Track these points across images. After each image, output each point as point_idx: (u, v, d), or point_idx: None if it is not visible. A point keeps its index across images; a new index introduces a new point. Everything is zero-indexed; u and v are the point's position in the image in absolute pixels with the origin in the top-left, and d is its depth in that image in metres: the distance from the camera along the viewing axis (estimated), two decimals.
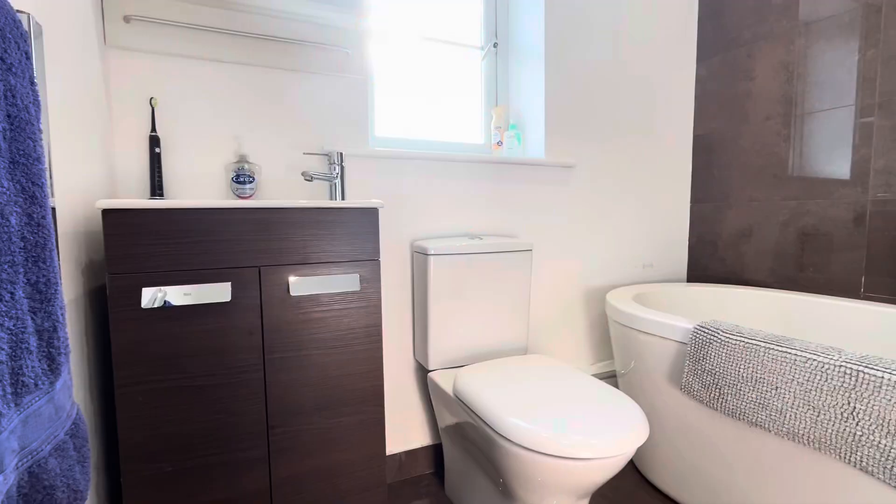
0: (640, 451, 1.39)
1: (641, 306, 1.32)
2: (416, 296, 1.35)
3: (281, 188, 1.23)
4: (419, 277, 1.32)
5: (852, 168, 1.42)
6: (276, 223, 0.89)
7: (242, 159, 1.15)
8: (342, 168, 1.19)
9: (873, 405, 0.78)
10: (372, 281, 0.97)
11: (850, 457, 0.82)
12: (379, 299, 0.98)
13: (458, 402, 1.11)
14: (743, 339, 0.99)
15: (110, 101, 1.05)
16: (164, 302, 0.80)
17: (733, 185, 1.77)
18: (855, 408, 0.81)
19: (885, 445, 0.77)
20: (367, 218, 0.96)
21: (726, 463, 1.09)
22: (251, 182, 1.15)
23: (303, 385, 0.93)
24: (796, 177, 1.57)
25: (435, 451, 1.48)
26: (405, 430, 1.44)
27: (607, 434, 0.87)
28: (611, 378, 1.72)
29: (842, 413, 0.82)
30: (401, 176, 1.38)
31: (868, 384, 0.79)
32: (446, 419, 1.26)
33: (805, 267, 1.56)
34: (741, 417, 0.99)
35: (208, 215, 0.83)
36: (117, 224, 0.77)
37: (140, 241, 0.79)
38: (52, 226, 0.47)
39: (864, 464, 0.80)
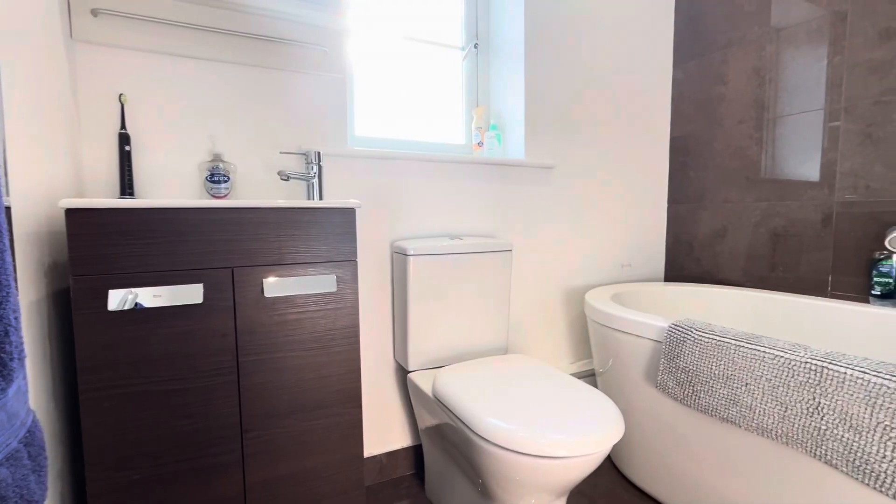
0: (617, 448, 1.41)
1: (619, 305, 1.34)
2: (396, 296, 1.35)
3: (257, 188, 1.21)
4: (399, 278, 1.32)
5: (821, 171, 1.47)
6: (251, 223, 0.87)
7: (217, 158, 1.13)
8: (320, 168, 1.17)
9: (837, 400, 0.81)
10: (349, 282, 0.96)
11: (816, 451, 0.84)
12: (356, 300, 0.97)
13: (437, 402, 1.11)
14: (715, 337, 1.01)
15: (77, 97, 1.02)
16: (136, 304, 0.78)
17: (708, 186, 1.81)
18: (820, 403, 0.83)
19: (848, 439, 0.80)
20: (344, 218, 0.95)
21: (699, 459, 1.11)
22: (226, 181, 1.12)
23: (278, 388, 0.91)
24: (768, 179, 1.61)
25: (415, 453, 1.47)
26: (385, 432, 1.43)
27: (583, 432, 0.88)
28: (590, 377, 1.74)
29: (807, 408, 0.85)
30: (381, 176, 1.37)
31: (832, 380, 0.82)
32: (426, 420, 1.25)
33: (776, 266, 1.60)
34: (713, 414, 1.01)
35: (179, 215, 0.81)
36: (82, 224, 0.75)
37: (107, 241, 0.76)
38: (6, 226, 0.45)
39: (828, 457, 0.83)
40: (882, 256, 1.31)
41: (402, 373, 1.43)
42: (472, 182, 1.52)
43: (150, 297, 0.79)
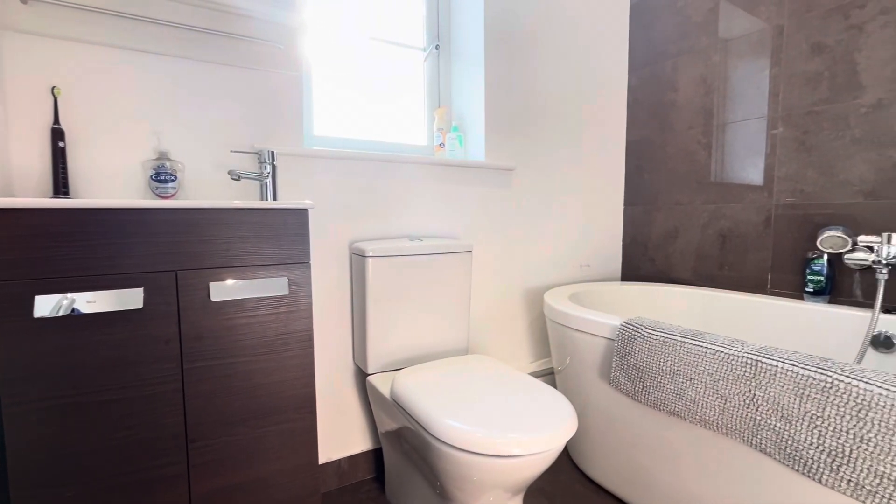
0: (575, 444, 1.44)
1: (575, 305, 1.37)
2: (355, 299, 1.33)
3: (207, 188, 1.17)
4: (357, 280, 1.30)
5: (764, 175, 1.56)
6: (198, 225, 0.84)
7: (163, 156, 1.08)
8: (274, 167, 1.14)
9: (770, 392, 0.86)
10: (302, 285, 0.94)
11: (752, 440, 0.89)
12: (310, 303, 0.95)
13: (395, 405, 1.10)
14: (663, 334, 1.05)
15: (4, 89, 0.95)
16: (73, 310, 0.73)
17: (661, 189, 1.88)
18: (755, 395, 0.88)
19: (780, 428, 0.85)
20: (297, 219, 0.93)
21: (650, 452, 1.15)
22: (173, 181, 1.08)
23: (227, 395, 0.88)
24: (716, 182, 1.69)
25: (376, 456, 1.46)
26: (345, 436, 1.41)
27: (538, 430, 0.90)
28: (549, 375, 1.77)
29: (744, 400, 0.90)
30: (340, 176, 1.35)
31: (765, 373, 0.87)
32: (385, 423, 1.24)
33: (723, 265, 1.69)
34: (661, 408, 1.05)
35: (119, 216, 0.77)
36: (6, 226, 0.69)
37: (36, 244, 0.72)
38: None
39: (762, 446, 0.88)
40: (814, 256, 1.40)
41: (362, 376, 1.42)
42: (433, 183, 1.52)
43: (83, 303, 0.74)
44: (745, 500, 0.96)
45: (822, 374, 0.80)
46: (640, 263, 1.98)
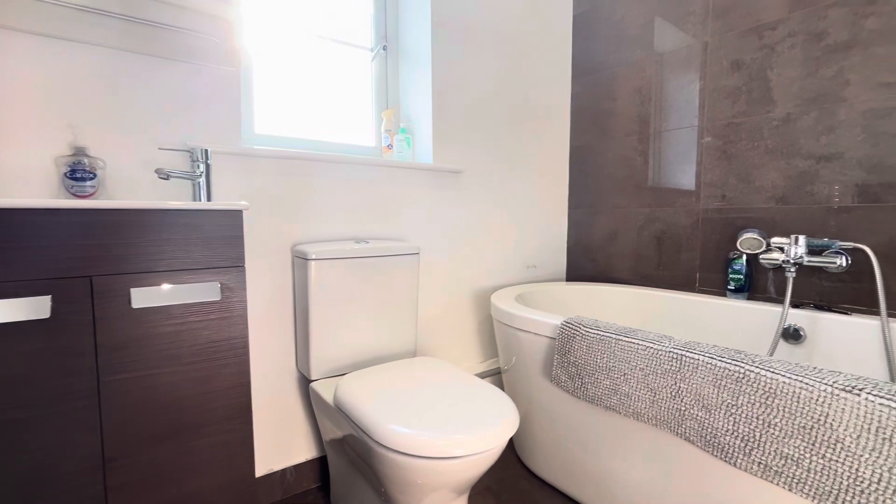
0: (520, 441, 1.48)
1: (520, 305, 1.40)
2: (298, 303, 1.29)
3: (133, 187, 1.09)
4: (300, 284, 1.26)
5: (695, 181, 1.67)
6: (118, 226, 0.78)
7: (80, 152, 1.00)
8: (208, 166, 1.08)
9: (693, 384, 0.92)
10: (236, 289, 0.90)
11: (678, 429, 0.95)
12: (244, 309, 0.91)
13: (338, 411, 1.07)
14: (599, 332, 1.10)
15: None
16: None
17: (602, 193, 1.97)
18: (680, 387, 0.94)
19: (701, 418, 0.91)
20: (230, 221, 0.89)
21: (589, 446, 1.20)
22: (91, 178, 1.00)
23: (152, 409, 0.82)
24: (652, 187, 1.80)
25: (321, 465, 1.42)
26: (289, 445, 1.36)
27: (480, 430, 0.91)
28: (497, 375, 1.81)
29: (671, 392, 0.95)
30: (283, 177, 1.30)
31: (688, 366, 0.93)
32: (329, 431, 1.21)
33: (658, 266, 1.79)
34: (598, 403, 1.10)
35: (23, 217, 0.70)
36: None
37: None
38: None
39: (687, 435, 0.94)
40: (735, 256, 1.52)
41: (306, 383, 1.37)
42: (380, 185, 1.50)
43: None
44: (677, 489, 1.02)
45: (736, 365, 0.86)
46: (583, 264, 2.06)
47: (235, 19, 1.19)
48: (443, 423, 0.92)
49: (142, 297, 0.80)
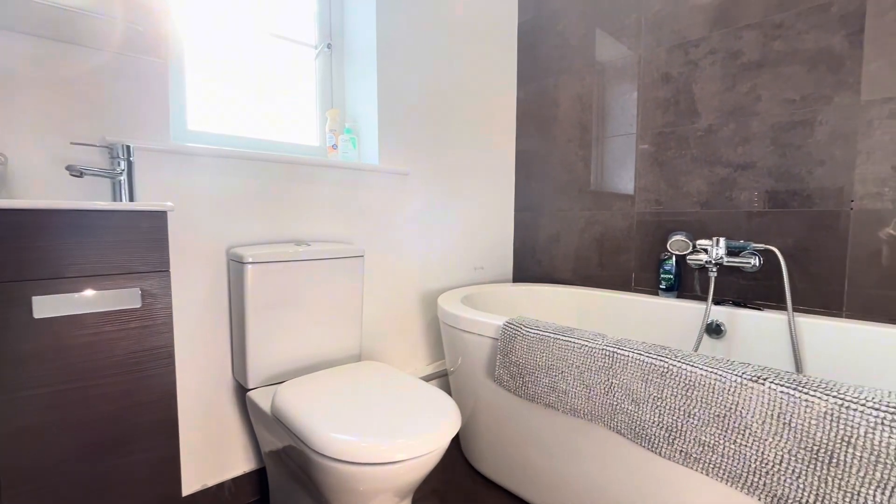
0: (466, 442, 1.49)
1: (465, 307, 1.42)
2: (234, 309, 1.23)
3: (41, 186, 0.99)
4: (236, 289, 1.20)
5: (633, 186, 1.76)
6: (19, 228, 0.71)
7: None
8: (130, 164, 1.01)
9: (623, 379, 0.97)
10: (160, 296, 0.84)
11: (611, 423, 1.00)
12: (169, 316, 0.86)
13: (276, 420, 1.03)
14: (539, 332, 1.13)
15: None
16: None
17: (546, 196, 2.03)
18: (612, 383, 0.99)
19: (631, 411, 0.96)
20: (153, 223, 0.83)
21: (531, 443, 1.23)
22: None
23: (61, 428, 0.75)
24: (592, 191, 1.88)
25: (260, 477, 1.36)
26: (226, 458, 1.29)
27: (421, 433, 0.90)
28: (445, 377, 1.81)
29: (604, 388, 1.00)
30: (219, 176, 1.24)
31: (619, 362, 0.97)
32: (267, 441, 1.17)
33: (597, 266, 1.87)
34: (538, 401, 1.13)
35: None
36: None
37: None
38: None
39: (619, 428, 0.99)
40: (666, 257, 1.62)
41: (243, 392, 1.31)
42: (325, 186, 1.47)
43: None
44: (613, 482, 1.07)
45: (661, 360, 0.92)
46: (528, 265, 2.12)
47: (161, 7, 1.12)
48: (383, 428, 0.91)
49: (46, 306, 0.73)
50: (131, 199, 1.03)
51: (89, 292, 0.77)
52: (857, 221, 1.28)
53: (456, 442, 1.67)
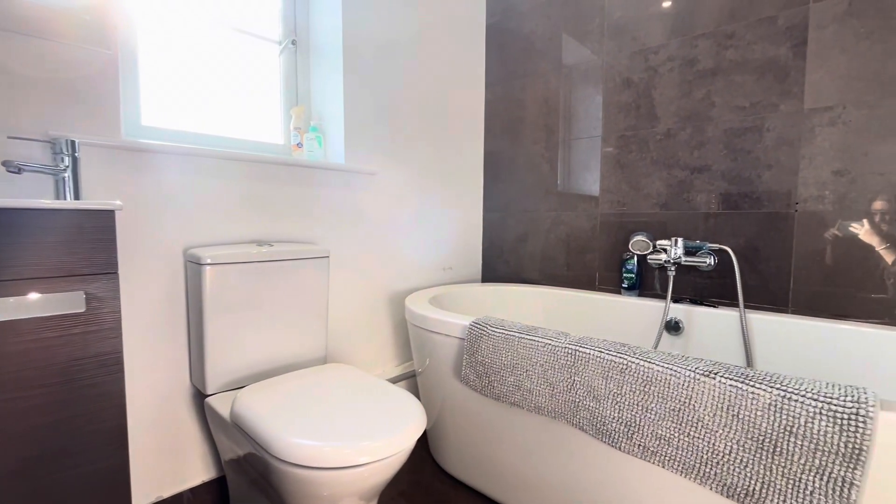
0: (435, 442, 1.49)
1: (432, 307, 1.42)
2: (191, 312, 1.18)
3: None
4: (193, 291, 1.16)
5: (597, 187, 1.80)
6: None
7: None
8: (75, 160, 0.96)
9: (585, 376, 0.99)
10: (107, 299, 0.80)
11: (573, 420, 1.02)
12: (118, 320, 0.81)
13: (236, 427, 1.00)
14: (504, 331, 1.14)
15: None
16: None
17: (513, 197, 2.06)
18: (574, 380, 1.01)
19: (592, 408, 0.98)
20: (98, 223, 0.79)
21: (498, 442, 1.24)
22: None
23: None
24: (558, 192, 1.91)
25: (220, 486, 1.31)
26: (183, 468, 1.24)
27: (385, 435, 0.89)
28: (413, 378, 1.81)
29: (567, 385, 1.02)
30: (176, 174, 1.19)
31: (581, 360, 0.99)
32: (227, 449, 1.13)
33: (563, 266, 1.91)
34: (504, 400, 1.14)
35: None
36: None
37: None
38: None
39: (581, 424, 1.01)
40: (628, 257, 1.67)
41: (201, 398, 1.27)
42: (289, 185, 1.43)
43: None
44: (577, 476, 1.09)
45: (620, 357, 0.94)
46: (497, 265, 2.14)
47: None
48: (347, 432, 0.89)
49: None
50: (76, 197, 0.97)
51: (28, 296, 0.72)
52: (802, 223, 1.36)
53: (424, 443, 1.66)
